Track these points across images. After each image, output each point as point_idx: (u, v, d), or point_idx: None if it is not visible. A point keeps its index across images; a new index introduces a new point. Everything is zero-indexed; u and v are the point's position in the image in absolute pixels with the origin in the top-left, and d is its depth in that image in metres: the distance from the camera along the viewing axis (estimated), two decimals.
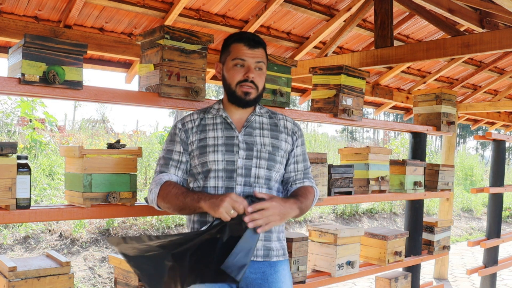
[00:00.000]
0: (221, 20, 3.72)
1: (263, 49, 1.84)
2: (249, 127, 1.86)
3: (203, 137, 1.84)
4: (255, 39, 1.81)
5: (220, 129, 1.84)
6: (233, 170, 1.78)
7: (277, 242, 1.85)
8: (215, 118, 1.87)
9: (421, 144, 3.79)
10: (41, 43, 1.80)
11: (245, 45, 1.79)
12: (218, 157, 1.79)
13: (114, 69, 3.87)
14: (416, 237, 3.69)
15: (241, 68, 1.79)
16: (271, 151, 1.83)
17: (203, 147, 1.82)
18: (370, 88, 5.33)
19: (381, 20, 3.56)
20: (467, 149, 31.53)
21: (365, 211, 8.81)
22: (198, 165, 1.83)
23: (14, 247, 4.93)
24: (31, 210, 1.85)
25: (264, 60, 1.83)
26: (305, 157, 1.96)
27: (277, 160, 1.84)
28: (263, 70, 1.83)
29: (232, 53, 1.81)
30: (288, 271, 1.89)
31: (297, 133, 1.94)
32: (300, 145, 1.94)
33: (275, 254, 1.83)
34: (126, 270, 2.23)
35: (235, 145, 1.81)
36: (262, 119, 1.90)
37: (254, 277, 1.78)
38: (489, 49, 3.11)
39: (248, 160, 1.80)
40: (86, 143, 8.45)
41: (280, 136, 1.88)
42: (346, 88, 2.96)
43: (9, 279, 1.87)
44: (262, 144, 1.83)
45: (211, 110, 1.90)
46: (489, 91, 6.77)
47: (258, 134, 1.85)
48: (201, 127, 1.86)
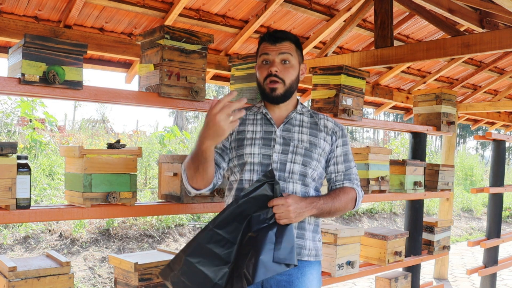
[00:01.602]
0: (221, 20, 3.72)
1: (290, 41, 1.82)
2: (288, 123, 1.86)
3: (242, 130, 1.86)
4: (276, 34, 1.82)
5: (260, 124, 1.86)
6: (268, 164, 1.78)
7: (311, 242, 1.81)
8: (256, 114, 1.90)
9: (421, 144, 3.79)
10: (41, 43, 1.80)
11: (268, 42, 1.82)
12: (254, 150, 1.80)
13: (114, 69, 3.87)
14: (416, 237, 3.69)
15: (267, 65, 1.81)
16: (308, 147, 1.81)
17: (241, 140, 1.84)
18: (370, 88, 5.33)
19: (381, 20, 3.56)
20: (467, 149, 31.52)
21: (365, 211, 8.82)
22: (235, 158, 1.85)
23: (14, 247, 4.93)
24: (31, 210, 1.85)
25: (290, 51, 1.80)
26: (348, 157, 1.91)
27: (314, 157, 1.82)
28: (291, 63, 1.81)
29: (259, 52, 1.85)
30: (317, 274, 1.84)
31: (337, 133, 1.90)
32: (340, 146, 1.89)
33: (307, 254, 1.79)
34: (126, 270, 2.23)
35: (272, 140, 1.82)
36: (303, 117, 1.89)
37: (280, 279, 1.75)
38: (489, 49, 3.12)
39: (283, 155, 1.79)
40: (86, 143, 8.44)
41: (319, 135, 1.86)
42: (346, 88, 2.96)
43: (9, 279, 1.87)
44: (299, 140, 1.82)
45: (253, 108, 1.93)
46: (489, 91, 6.77)
47: (297, 131, 1.84)
48: (241, 121, 1.88)
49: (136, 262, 2.18)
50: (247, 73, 2.65)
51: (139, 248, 5.53)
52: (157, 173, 6.09)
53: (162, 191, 2.40)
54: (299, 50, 1.87)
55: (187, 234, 6.18)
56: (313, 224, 1.83)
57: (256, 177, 1.78)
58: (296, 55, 1.84)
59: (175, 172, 2.30)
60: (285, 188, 1.77)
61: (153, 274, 2.22)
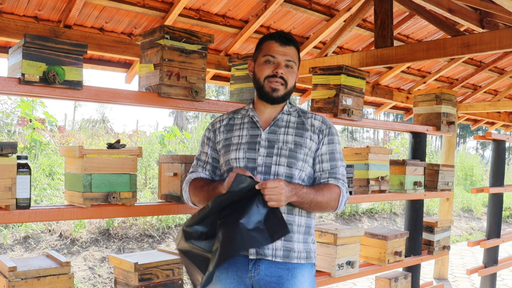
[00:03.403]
0: (221, 20, 3.72)
1: (296, 48, 1.85)
2: (274, 126, 1.85)
3: (229, 136, 1.88)
4: (287, 37, 1.83)
5: (246, 128, 1.87)
6: (253, 168, 1.78)
7: (300, 244, 1.78)
8: (243, 118, 1.90)
9: (421, 144, 3.79)
10: (41, 43, 1.80)
11: (277, 42, 1.82)
12: (239, 155, 1.81)
13: (114, 69, 3.87)
14: (416, 237, 3.69)
15: (271, 64, 1.82)
16: (292, 148, 1.79)
17: (228, 146, 1.86)
18: (370, 88, 5.33)
19: (381, 20, 3.56)
20: (467, 149, 31.53)
21: (365, 211, 8.81)
22: (223, 163, 1.87)
23: (14, 247, 4.93)
24: (31, 210, 1.85)
25: (295, 59, 1.84)
26: (334, 156, 1.85)
27: (299, 158, 1.79)
28: (294, 69, 1.84)
29: (264, 50, 1.84)
30: (308, 276, 1.80)
31: (324, 131, 1.86)
32: (326, 144, 1.85)
33: (296, 256, 1.76)
34: (126, 270, 2.23)
35: (257, 143, 1.82)
36: (290, 118, 1.88)
37: (269, 280, 1.73)
38: (489, 49, 3.11)
39: (268, 157, 1.79)
40: (86, 143, 8.44)
41: (305, 134, 1.83)
42: (346, 88, 2.96)
43: (9, 279, 1.87)
44: (284, 141, 1.81)
45: (241, 111, 1.93)
46: (489, 91, 6.77)
47: (283, 132, 1.83)
48: (228, 127, 1.90)
49: (136, 262, 2.18)
50: (247, 73, 2.65)
51: (139, 248, 5.53)
52: (157, 173, 6.09)
53: (162, 191, 2.40)
54: (299, 57, 1.90)
55: None
56: (304, 226, 1.80)
57: None
58: (297, 62, 1.87)
59: (175, 172, 2.30)
60: None
61: (153, 274, 2.23)
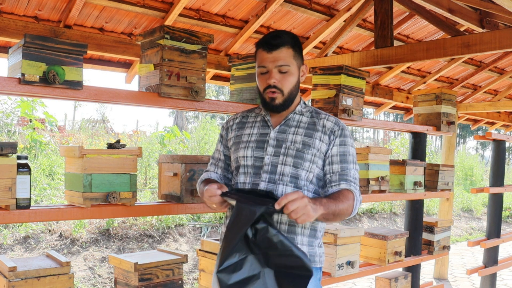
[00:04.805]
0: (221, 20, 3.72)
1: (288, 46, 1.74)
2: (285, 125, 1.82)
3: (240, 134, 1.88)
4: (272, 41, 1.73)
5: (257, 126, 1.86)
6: (260, 167, 1.78)
7: (305, 247, 1.73)
8: (256, 116, 1.90)
9: (421, 144, 3.79)
10: (41, 43, 1.80)
11: (264, 50, 1.75)
12: (247, 153, 1.81)
13: (114, 69, 3.87)
14: (416, 237, 3.69)
15: (265, 75, 1.77)
16: (300, 148, 1.75)
17: (238, 143, 1.86)
18: (370, 88, 5.33)
19: (381, 20, 3.56)
20: (467, 149, 31.53)
21: (365, 211, 8.82)
22: (233, 161, 1.87)
23: (14, 247, 4.93)
24: (31, 210, 1.85)
25: (288, 61, 1.74)
26: (345, 158, 1.78)
27: (306, 158, 1.74)
28: (289, 71, 1.75)
29: (257, 61, 1.80)
30: (313, 280, 1.70)
31: (336, 132, 1.80)
32: (337, 145, 1.79)
33: None
34: (126, 270, 2.23)
35: (265, 142, 1.80)
36: (302, 118, 1.84)
37: None
38: (489, 49, 3.11)
39: (275, 157, 1.77)
40: (86, 143, 8.45)
41: (315, 135, 1.78)
42: (346, 88, 2.96)
43: (9, 279, 1.87)
44: (292, 141, 1.77)
45: (256, 110, 1.93)
46: (489, 91, 6.77)
47: (292, 132, 1.79)
48: (240, 125, 1.91)
49: (136, 262, 2.18)
50: (247, 73, 2.65)
51: (139, 248, 5.53)
52: (157, 173, 6.09)
53: (162, 191, 2.40)
54: (298, 53, 1.79)
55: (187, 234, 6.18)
56: (308, 228, 1.75)
57: (249, 180, 1.78)
58: (294, 60, 1.76)
59: (175, 172, 2.30)
60: (274, 190, 1.72)
61: (153, 274, 2.23)
